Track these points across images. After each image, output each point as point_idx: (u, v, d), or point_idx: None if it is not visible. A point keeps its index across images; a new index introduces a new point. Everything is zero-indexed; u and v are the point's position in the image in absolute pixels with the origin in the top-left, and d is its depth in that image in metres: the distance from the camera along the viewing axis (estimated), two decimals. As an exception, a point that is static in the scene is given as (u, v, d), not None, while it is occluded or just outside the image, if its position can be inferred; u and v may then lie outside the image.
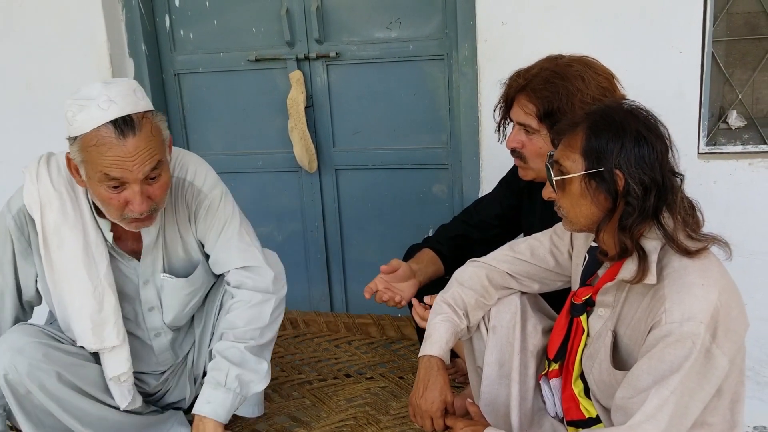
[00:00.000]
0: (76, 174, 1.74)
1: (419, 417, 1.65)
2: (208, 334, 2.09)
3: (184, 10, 3.01)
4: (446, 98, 2.81)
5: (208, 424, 1.83)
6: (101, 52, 2.89)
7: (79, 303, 1.83)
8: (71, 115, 1.66)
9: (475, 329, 1.77)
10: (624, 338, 1.48)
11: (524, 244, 1.76)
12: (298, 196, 3.10)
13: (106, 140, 1.63)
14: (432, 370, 1.65)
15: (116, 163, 1.63)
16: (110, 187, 1.67)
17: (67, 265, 1.81)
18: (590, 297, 1.55)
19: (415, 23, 2.78)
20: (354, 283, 3.16)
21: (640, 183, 1.35)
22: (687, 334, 1.30)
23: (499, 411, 1.69)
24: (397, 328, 2.74)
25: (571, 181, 1.43)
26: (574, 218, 1.47)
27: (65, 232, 1.80)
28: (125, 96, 1.66)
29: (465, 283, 1.74)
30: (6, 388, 1.77)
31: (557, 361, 1.63)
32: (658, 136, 1.38)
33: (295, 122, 2.88)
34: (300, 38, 2.89)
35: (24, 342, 1.76)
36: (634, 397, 1.35)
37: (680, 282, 1.34)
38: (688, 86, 2.34)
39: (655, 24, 2.32)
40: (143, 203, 1.69)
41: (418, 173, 2.94)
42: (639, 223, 1.37)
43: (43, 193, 1.80)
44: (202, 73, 3.04)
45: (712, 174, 2.34)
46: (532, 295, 1.78)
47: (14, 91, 3.02)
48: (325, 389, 2.39)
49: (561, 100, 1.76)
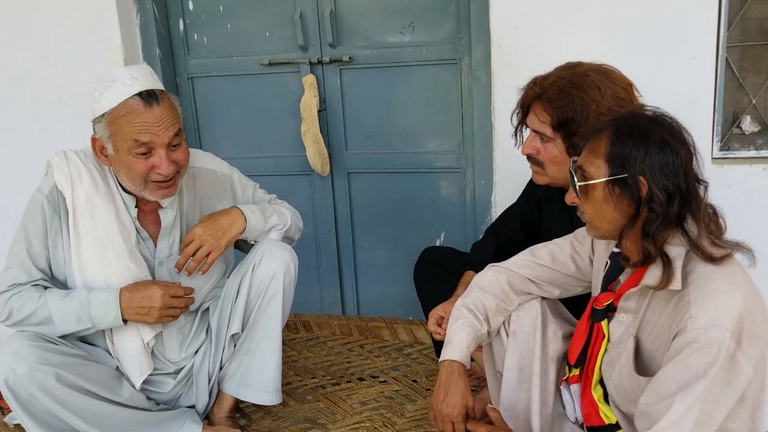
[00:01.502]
0: (101, 154, 1.90)
1: (440, 421, 1.65)
2: (223, 334, 2.12)
3: (198, 14, 3.02)
4: (458, 102, 2.82)
5: (233, 210, 2.09)
6: (115, 55, 2.90)
7: (115, 267, 1.94)
8: (97, 95, 1.81)
9: (495, 334, 1.78)
10: (647, 344, 1.48)
11: (544, 250, 1.76)
12: (310, 199, 3.11)
13: (134, 108, 1.81)
14: (453, 375, 1.65)
15: (145, 127, 1.81)
16: (138, 154, 1.84)
17: (101, 234, 1.93)
18: (611, 303, 1.55)
19: (428, 28, 2.79)
20: (365, 286, 3.16)
21: (663, 189, 1.35)
22: (712, 340, 1.29)
23: (519, 416, 1.69)
24: (409, 331, 2.75)
25: (594, 187, 1.43)
26: (598, 224, 1.47)
27: (97, 201, 1.93)
28: (145, 75, 1.86)
29: (486, 288, 1.75)
30: (8, 392, 1.79)
31: (578, 367, 1.63)
32: (683, 143, 1.38)
33: (308, 126, 2.89)
34: (313, 42, 2.91)
35: (21, 345, 1.80)
36: (659, 403, 1.35)
37: (706, 288, 1.34)
38: (702, 91, 2.35)
39: (669, 29, 2.32)
40: (170, 166, 1.86)
41: (430, 177, 2.95)
42: (662, 229, 1.37)
43: (72, 168, 1.94)
44: (216, 76, 3.05)
45: (726, 179, 2.34)
46: (552, 301, 1.78)
47: (28, 95, 3.04)
48: (338, 393, 2.39)
49: (575, 110, 1.76)
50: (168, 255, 2.04)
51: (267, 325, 2.09)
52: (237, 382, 2.13)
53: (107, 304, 1.89)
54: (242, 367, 2.12)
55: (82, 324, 1.90)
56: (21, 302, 1.89)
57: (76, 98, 2.97)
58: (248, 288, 2.08)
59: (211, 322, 2.15)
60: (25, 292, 1.90)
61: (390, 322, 2.79)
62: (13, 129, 3.10)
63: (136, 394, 1.98)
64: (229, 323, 2.11)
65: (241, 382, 2.13)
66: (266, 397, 2.13)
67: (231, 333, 2.10)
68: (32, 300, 1.89)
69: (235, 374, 2.13)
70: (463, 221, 2.94)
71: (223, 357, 2.14)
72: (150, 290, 1.90)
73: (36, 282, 1.93)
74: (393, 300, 3.10)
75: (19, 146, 3.09)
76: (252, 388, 2.12)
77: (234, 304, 2.10)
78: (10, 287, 1.92)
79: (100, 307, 1.89)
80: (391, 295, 3.11)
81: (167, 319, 1.95)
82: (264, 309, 2.08)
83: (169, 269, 2.05)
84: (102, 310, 1.89)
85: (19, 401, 1.80)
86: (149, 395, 2.04)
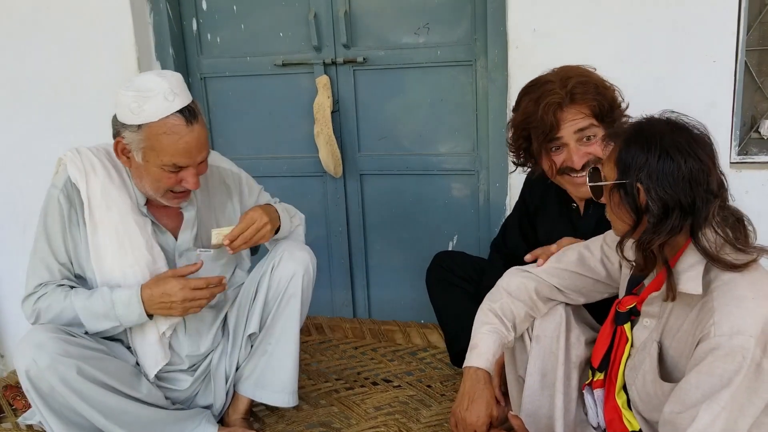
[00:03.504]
0: (123, 156, 1.89)
1: (462, 429, 1.63)
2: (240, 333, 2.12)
3: (212, 14, 3.01)
4: (473, 104, 2.80)
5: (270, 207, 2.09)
6: (128, 55, 2.89)
7: (132, 258, 1.94)
8: (136, 106, 1.79)
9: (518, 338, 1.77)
10: (670, 350, 1.46)
11: (574, 254, 1.73)
12: (322, 200, 3.09)
13: (177, 129, 1.80)
14: (479, 383, 1.62)
15: (187, 150, 1.82)
16: (169, 171, 1.85)
17: (117, 225, 1.93)
18: (635, 306, 1.54)
19: (443, 29, 2.77)
20: (377, 289, 3.15)
21: (659, 200, 1.33)
22: (737, 347, 1.28)
23: (541, 422, 1.67)
24: (423, 335, 2.73)
25: (605, 188, 1.46)
26: (614, 224, 1.48)
27: (113, 192, 1.94)
28: (181, 86, 1.85)
29: (513, 294, 1.72)
30: (29, 385, 1.78)
31: (601, 371, 1.61)
32: (691, 153, 1.33)
33: (321, 127, 2.87)
34: (327, 43, 2.89)
35: (44, 338, 1.78)
36: (683, 413, 1.33)
37: (730, 295, 1.32)
38: (721, 95, 2.34)
39: (688, 33, 2.31)
40: (198, 182, 1.90)
41: (444, 179, 2.93)
42: (654, 241, 1.36)
43: (86, 161, 1.94)
44: (229, 77, 3.04)
45: (744, 184, 2.32)
46: (575, 306, 1.77)
47: (41, 94, 3.04)
48: (352, 397, 2.37)
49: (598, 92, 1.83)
50: (187, 248, 2.04)
51: (285, 325, 2.08)
52: (253, 383, 2.12)
53: (129, 304, 1.88)
54: (259, 368, 2.10)
55: (110, 322, 1.89)
56: (47, 303, 1.89)
57: (89, 97, 2.97)
58: (267, 288, 2.07)
59: (229, 321, 2.14)
60: (50, 294, 1.90)
61: (403, 325, 2.77)
62: (27, 128, 3.10)
63: (155, 391, 1.97)
64: (247, 323, 2.10)
65: (258, 383, 2.11)
66: (283, 399, 2.12)
67: (248, 333, 2.10)
68: (58, 301, 1.89)
69: (251, 375, 2.11)
70: (476, 224, 2.92)
71: (240, 357, 2.13)
72: (168, 285, 1.88)
73: (60, 282, 1.93)
74: (405, 303, 3.09)
75: (32, 146, 3.09)
76: (268, 390, 2.11)
77: (252, 304, 2.10)
78: (37, 288, 1.92)
79: (123, 307, 1.88)
80: (403, 298, 3.09)
81: (193, 310, 1.92)
82: (282, 310, 2.07)
83: (188, 259, 2.04)
84: (125, 310, 1.88)
85: (39, 394, 1.79)
86: (166, 394, 2.02)
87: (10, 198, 3.20)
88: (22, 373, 1.77)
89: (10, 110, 3.10)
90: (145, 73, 1.90)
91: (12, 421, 2.26)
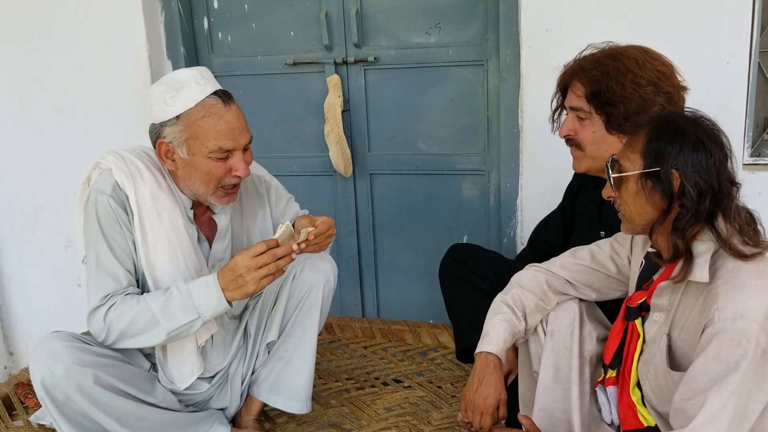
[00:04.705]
0: (167, 158, 1.84)
1: (470, 411, 1.67)
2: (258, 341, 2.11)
3: (223, 13, 3.01)
4: (484, 104, 2.79)
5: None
6: (140, 53, 2.89)
7: (184, 265, 1.89)
8: (170, 97, 1.76)
9: (532, 332, 1.78)
10: (678, 341, 1.47)
11: (585, 250, 1.77)
12: (332, 200, 3.09)
13: (215, 108, 1.77)
14: (488, 367, 1.66)
15: (229, 129, 1.78)
16: (217, 159, 1.79)
17: (169, 231, 1.87)
18: (645, 301, 1.55)
19: (455, 29, 2.77)
20: (386, 288, 3.14)
21: (695, 186, 1.37)
22: (740, 331, 1.29)
23: (555, 416, 1.67)
24: (433, 335, 2.72)
25: (628, 180, 1.46)
26: (630, 217, 1.49)
27: (162, 198, 1.87)
28: (209, 74, 1.83)
29: (525, 286, 1.76)
30: (44, 394, 1.75)
31: (614, 368, 1.62)
32: (718, 144, 1.40)
33: (332, 126, 2.87)
34: (338, 42, 2.89)
35: (59, 346, 1.75)
36: (693, 399, 1.34)
37: (734, 281, 1.35)
38: (734, 97, 2.33)
39: (702, 33, 2.30)
40: (247, 168, 1.84)
41: (454, 179, 2.93)
42: (691, 225, 1.39)
43: (131, 166, 1.86)
44: (240, 75, 3.04)
45: (756, 185, 2.32)
46: (589, 303, 1.78)
47: (52, 94, 3.04)
48: (362, 398, 2.36)
49: (611, 79, 1.75)
50: (221, 258, 2.00)
51: (303, 334, 2.06)
52: (268, 387, 2.10)
53: (207, 288, 1.78)
54: (274, 373, 2.09)
55: (188, 315, 1.78)
56: (118, 312, 1.79)
57: (100, 96, 2.98)
58: (287, 297, 2.05)
59: (249, 327, 2.12)
60: (120, 303, 1.80)
61: (413, 325, 2.76)
62: (37, 126, 3.10)
63: (169, 396, 1.95)
64: (266, 331, 2.09)
65: (272, 388, 2.10)
66: (296, 406, 2.10)
67: (267, 341, 2.08)
68: (130, 306, 1.79)
69: (266, 379, 2.10)
70: (486, 224, 2.91)
71: (256, 363, 2.12)
72: (233, 260, 1.78)
73: (126, 290, 1.84)
74: (414, 303, 3.08)
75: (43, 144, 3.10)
76: (283, 396, 2.09)
77: (272, 312, 2.08)
78: (103, 300, 1.81)
79: (201, 294, 1.78)
80: (412, 298, 3.09)
81: (266, 280, 1.78)
82: (302, 319, 2.05)
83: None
84: (204, 296, 1.78)
85: (54, 403, 1.76)
86: (180, 397, 2.02)
87: (20, 196, 3.21)
88: (38, 383, 1.74)
89: (21, 109, 3.10)
90: (169, 73, 1.87)
91: (23, 418, 2.26)
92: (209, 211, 2.01)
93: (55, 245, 3.20)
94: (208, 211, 2.01)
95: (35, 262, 3.27)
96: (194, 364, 1.98)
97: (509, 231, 2.77)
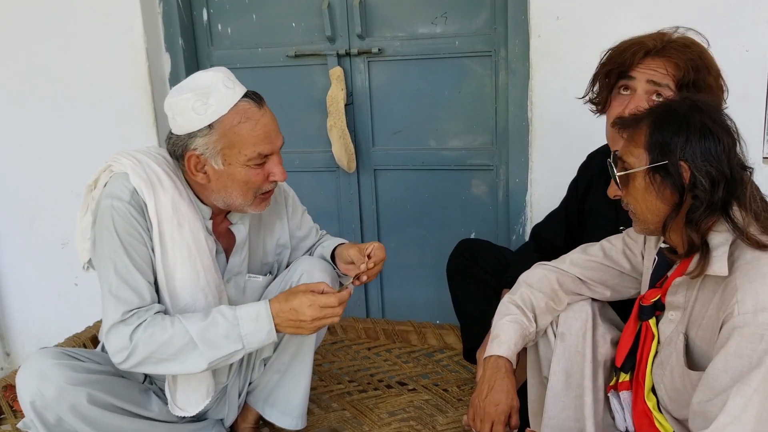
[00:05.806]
0: (200, 173, 1.70)
1: (479, 420, 1.57)
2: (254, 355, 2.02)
3: (222, 4, 2.93)
4: (492, 97, 2.70)
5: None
6: (137, 45, 2.82)
7: (204, 281, 1.76)
8: (200, 105, 1.61)
9: (542, 335, 1.69)
10: (696, 340, 1.39)
11: (596, 247, 1.69)
12: (335, 196, 3.01)
13: (251, 113, 1.65)
14: (499, 372, 1.57)
15: (266, 133, 1.67)
16: (255, 165, 1.69)
17: (190, 243, 1.73)
18: (659, 299, 1.48)
19: (462, 19, 2.68)
20: (391, 288, 3.06)
21: (707, 175, 1.30)
22: (762, 324, 1.21)
23: (566, 425, 1.58)
24: (439, 336, 2.63)
25: (635, 177, 1.40)
26: (642, 215, 1.42)
27: (183, 207, 1.73)
28: (232, 76, 1.70)
29: (534, 285, 1.67)
30: (34, 416, 1.65)
31: (626, 372, 1.54)
32: (725, 128, 1.33)
33: (335, 120, 2.79)
34: (341, 33, 2.80)
35: (48, 365, 1.63)
36: (713, 399, 1.26)
37: (753, 272, 1.27)
38: (753, 87, 2.25)
39: (720, 21, 2.21)
40: (283, 171, 1.74)
41: (461, 175, 2.84)
42: (707, 216, 1.33)
43: (150, 172, 1.71)
44: (240, 68, 2.95)
45: (776, 179, 2.21)
46: (601, 303, 1.69)
47: (48, 89, 2.98)
48: (365, 401, 2.28)
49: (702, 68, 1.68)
50: (237, 273, 1.89)
51: (299, 349, 1.97)
52: (263, 399, 2.03)
53: (258, 318, 1.66)
54: (270, 384, 2.01)
55: (232, 345, 1.65)
56: (149, 332, 1.62)
57: (97, 89, 2.92)
58: None
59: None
60: (150, 322, 1.63)
61: (418, 326, 2.67)
62: (35, 121, 3.04)
63: (165, 409, 1.84)
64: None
65: (267, 400, 2.02)
66: (290, 422, 2.02)
67: (263, 357, 1.99)
68: (163, 328, 1.62)
69: (263, 390, 2.02)
70: (494, 221, 2.82)
71: (253, 375, 2.04)
72: (297, 301, 1.66)
73: (150, 306, 1.68)
74: (420, 303, 3.00)
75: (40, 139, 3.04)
76: (277, 410, 2.01)
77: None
78: (126, 315, 1.63)
79: (250, 323, 1.65)
80: (418, 298, 3.00)
81: (322, 326, 1.72)
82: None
83: (236, 285, 1.89)
84: (252, 326, 1.65)
85: (45, 425, 1.65)
86: None
87: (17, 192, 3.15)
88: (27, 405, 1.63)
89: (19, 104, 3.04)
90: (187, 78, 1.70)
91: (12, 423, 2.18)
92: (226, 221, 1.88)
93: (52, 243, 3.14)
94: (225, 220, 1.88)
95: (32, 261, 3.21)
96: (210, 385, 1.84)
97: (518, 228, 2.68)
